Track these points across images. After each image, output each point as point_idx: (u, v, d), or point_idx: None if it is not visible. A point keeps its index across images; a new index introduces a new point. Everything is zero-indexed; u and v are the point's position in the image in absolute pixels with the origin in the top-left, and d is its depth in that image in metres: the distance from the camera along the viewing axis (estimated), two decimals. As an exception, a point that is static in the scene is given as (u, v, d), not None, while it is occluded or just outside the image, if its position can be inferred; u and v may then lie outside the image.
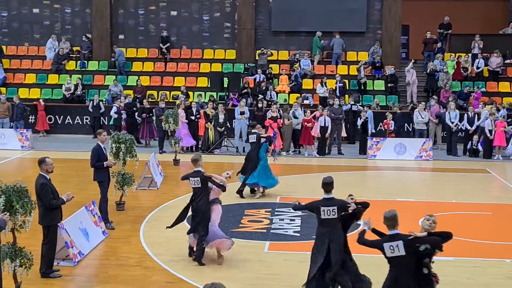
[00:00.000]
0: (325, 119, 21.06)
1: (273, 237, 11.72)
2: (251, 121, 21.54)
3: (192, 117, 21.65)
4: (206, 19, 28.28)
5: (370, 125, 21.92)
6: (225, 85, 24.64)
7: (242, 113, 21.87)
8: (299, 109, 21.81)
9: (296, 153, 21.68)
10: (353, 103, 23.44)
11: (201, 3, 28.20)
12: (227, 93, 25.00)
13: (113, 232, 11.86)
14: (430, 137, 21.92)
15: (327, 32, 26.91)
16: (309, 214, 13.26)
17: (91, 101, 24.53)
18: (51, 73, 27.30)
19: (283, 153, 21.23)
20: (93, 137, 22.42)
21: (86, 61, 27.68)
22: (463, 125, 21.76)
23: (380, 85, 26.26)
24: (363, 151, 21.48)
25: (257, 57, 26.99)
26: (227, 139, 21.79)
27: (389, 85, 25.79)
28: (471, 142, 21.54)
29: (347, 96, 24.73)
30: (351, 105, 23.16)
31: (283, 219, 12.96)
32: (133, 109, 22.94)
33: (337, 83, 25.13)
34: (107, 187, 12.16)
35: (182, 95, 24.18)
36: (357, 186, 16.04)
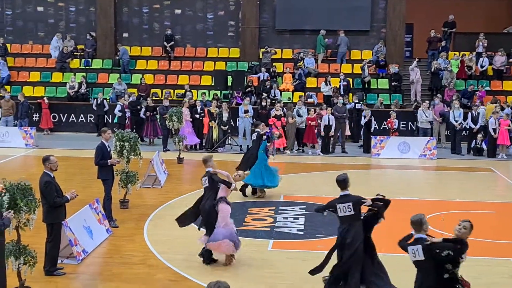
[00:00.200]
0: (329, 118, 21.05)
1: (276, 236, 11.72)
2: (255, 119, 21.58)
3: (196, 115, 21.68)
4: (210, 17, 28.29)
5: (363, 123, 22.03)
6: (229, 84, 24.68)
7: (246, 111, 21.87)
8: (303, 108, 21.81)
9: (299, 151, 21.70)
10: (357, 101, 23.41)
11: (205, 1, 28.22)
12: (231, 92, 25.02)
13: (117, 230, 11.88)
14: (434, 135, 21.89)
15: (331, 30, 26.90)
16: (311, 212, 13.34)
17: (95, 99, 24.58)
18: (55, 71, 27.38)
19: (287, 151, 21.26)
20: (97, 135, 22.45)
21: (90, 59, 27.74)
22: (467, 124, 21.74)
23: (384, 83, 26.24)
24: (366, 149, 21.48)
25: (261, 56, 26.98)
26: (231, 137, 21.81)
27: (393, 83, 25.78)
28: (475, 140, 21.51)
29: (351, 94, 24.74)
30: (354, 104, 23.15)
31: (286, 218, 12.96)
32: (137, 107, 23.01)
33: (341, 82, 25.12)
34: (111, 185, 12.18)
35: (190, 93, 24.23)
36: (361, 184, 15.92)
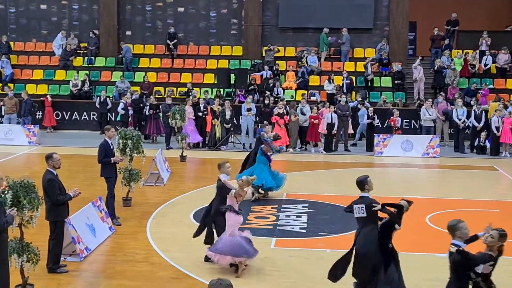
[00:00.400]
0: (331, 116, 21.03)
1: (279, 234, 11.73)
2: (258, 117, 21.57)
3: (199, 114, 21.69)
4: (213, 15, 28.26)
5: (362, 121, 22.13)
6: (232, 82, 24.65)
7: (248, 109, 21.85)
8: (307, 106, 21.80)
9: (302, 149, 21.69)
10: (360, 99, 23.39)
11: (208, -1, 28.25)
12: (234, 90, 25.00)
13: (120, 228, 11.89)
14: (437, 134, 21.86)
15: (334, 28, 26.86)
16: (314, 210, 13.36)
17: (98, 97, 24.61)
18: (58, 69, 27.40)
19: (290, 149, 21.25)
20: (100, 133, 22.49)
21: (93, 57, 27.75)
22: (470, 122, 21.70)
23: (387, 81, 26.20)
24: (370, 148, 21.46)
25: (264, 54, 26.96)
26: (233, 135, 21.81)
27: (396, 82, 25.73)
28: (478, 139, 21.47)
29: (354, 92, 24.71)
30: (358, 102, 23.11)
31: (289, 216, 12.96)
32: (140, 105, 23.02)
33: (344, 80, 25.09)
34: (114, 183, 12.18)
35: (195, 92, 24.24)
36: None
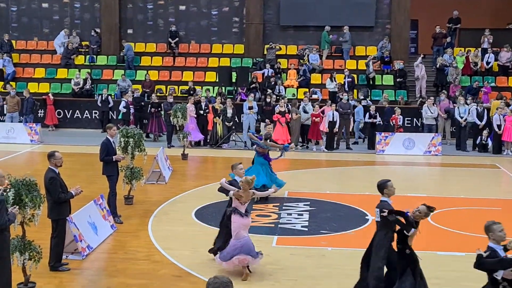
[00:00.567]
0: (333, 114, 21.01)
1: (281, 232, 11.72)
2: (260, 116, 21.57)
3: (201, 112, 21.69)
4: (214, 13, 28.25)
5: (357, 119, 22.13)
6: (234, 80, 24.61)
7: (250, 107, 21.85)
8: (309, 104, 21.78)
9: (304, 147, 21.68)
10: (362, 97, 23.36)
11: (210, -3, 28.23)
12: (236, 88, 24.98)
13: (122, 226, 11.90)
14: (439, 132, 21.83)
15: (336, 26, 26.82)
16: (316, 209, 13.35)
17: (100, 96, 24.61)
18: (60, 67, 27.39)
19: (293, 144, 21.21)
20: (101, 131, 22.51)
21: (95, 56, 27.74)
22: (472, 120, 21.65)
23: (389, 80, 26.17)
24: (371, 146, 21.44)
25: (266, 52, 26.94)
26: (235, 133, 21.80)
27: (398, 80, 25.70)
28: (480, 137, 21.44)
29: (355, 91, 24.69)
30: (355, 100, 23.06)
31: (291, 214, 12.95)
32: (142, 103, 23.02)
33: (345, 78, 25.07)
34: (116, 181, 12.17)
35: (199, 91, 24.24)
36: (365, 181, 15.98)
